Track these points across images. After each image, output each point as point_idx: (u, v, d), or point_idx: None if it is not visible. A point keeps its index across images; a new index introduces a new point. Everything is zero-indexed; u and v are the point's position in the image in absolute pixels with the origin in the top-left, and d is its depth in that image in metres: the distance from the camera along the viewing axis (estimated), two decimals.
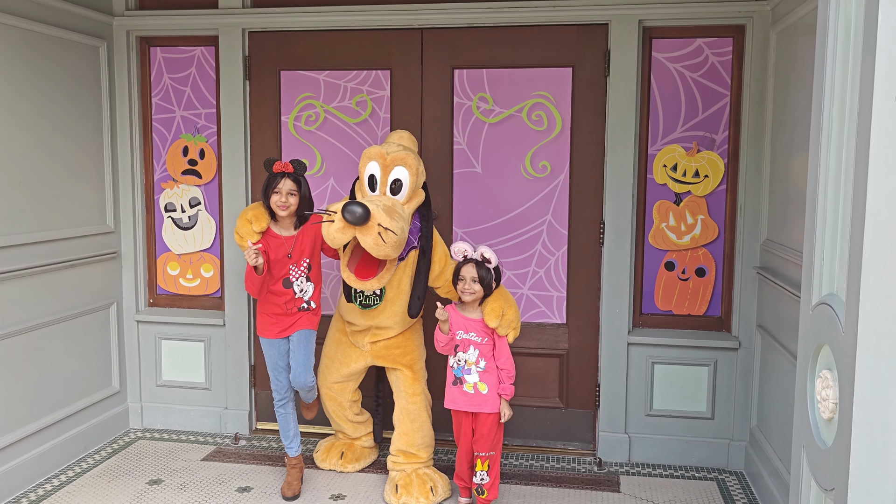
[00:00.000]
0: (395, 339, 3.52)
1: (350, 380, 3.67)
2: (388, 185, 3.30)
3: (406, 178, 3.30)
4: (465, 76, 3.92)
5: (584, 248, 3.91)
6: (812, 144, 1.73)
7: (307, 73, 4.05)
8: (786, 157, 3.31)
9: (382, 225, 3.06)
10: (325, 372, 3.69)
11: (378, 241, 3.06)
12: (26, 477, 3.56)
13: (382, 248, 3.08)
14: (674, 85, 3.79)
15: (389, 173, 3.29)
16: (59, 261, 3.73)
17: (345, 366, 3.61)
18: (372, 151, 3.34)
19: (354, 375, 3.67)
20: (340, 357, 3.63)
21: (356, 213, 3.01)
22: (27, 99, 3.54)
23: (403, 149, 3.36)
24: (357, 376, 3.69)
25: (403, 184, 3.30)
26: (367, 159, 3.34)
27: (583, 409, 4.03)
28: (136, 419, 4.36)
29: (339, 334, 3.65)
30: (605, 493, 3.56)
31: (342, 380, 3.65)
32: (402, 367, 3.54)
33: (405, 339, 3.54)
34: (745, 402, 3.80)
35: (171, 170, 4.26)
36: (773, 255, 3.46)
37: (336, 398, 3.70)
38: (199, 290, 4.34)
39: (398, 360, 3.54)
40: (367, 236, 3.07)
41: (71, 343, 3.87)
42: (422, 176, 3.38)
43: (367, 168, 3.34)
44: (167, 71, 4.22)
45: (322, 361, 3.73)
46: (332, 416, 3.76)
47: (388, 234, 3.07)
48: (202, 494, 3.51)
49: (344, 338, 3.62)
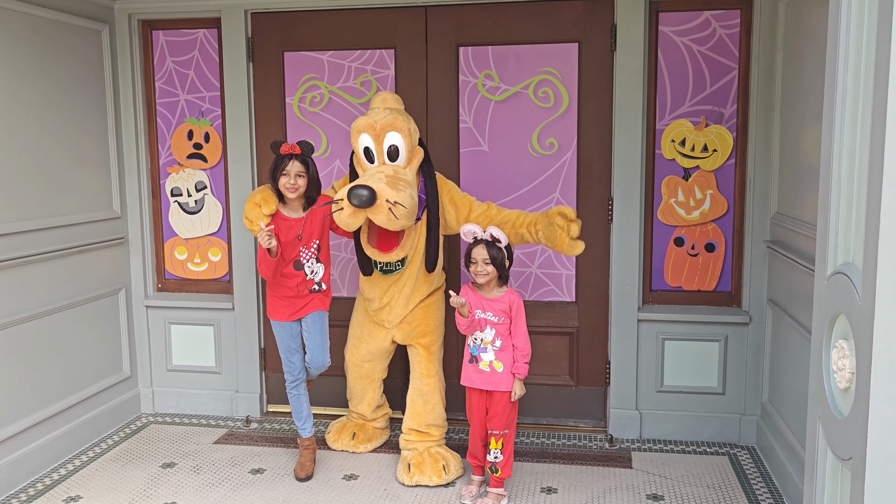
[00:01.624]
0: (416, 314, 3.52)
1: (379, 358, 3.68)
2: (385, 153, 3.28)
3: (400, 141, 3.27)
4: (471, 53, 3.88)
5: (592, 225, 3.89)
6: (826, 112, 1.71)
7: (311, 54, 4.02)
8: (796, 129, 3.27)
9: (390, 200, 3.05)
10: (352, 351, 3.70)
11: (390, 216, 3.07)
12: (41, 462, 3.58)
13: (396, 222, 3.09)
14: (681, 59, 3.75)
15: (383, 141, 3.27)
16: (66, 247, 3.73)
17: (372, 344, 3.62)
18: (360, 124, 3.30)
19: (383, 354, 3.67)
20: (366, 336, 3.63)
21: (363, 197, 3.01)
22: (31, 85, 3.52)
23: (390, 112, 3.30)
24: (386, 355, 3.69)
25: (399, 148, 3.28)
26: (358, 132, 3.32)
27: (593, 387, 4.03)
28: (148, 404, 4.38)
29: (362, 314, 3.65)
30: (617, 470, 3.56)
31: (371, 359, 3.66)
32: (419, 346, 3.55)
33: (426, 316, 3.53)
34: (756, 376, 3.79)
35: (176, 154, 4.25)
36: (783, 229, 3.43)
37: (369, 376, 3.70)
38: (207, 274, 4.34)
39: (416, 338, 3.54)
40: (379, 215, 3.07)
41: (81, 329, 3.88)
42: (415, 134, 3.34)
43: (360, 141, 3.32)
44: (170, 54, 4.19)
45: (349, 341, 3.73)
46: (356, 394, 3.77)
47: (398, 208, 3.07)
48: (215, 476, 3.53)
49: (367, 317, 3.62)
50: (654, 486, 3.39)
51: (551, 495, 3.32)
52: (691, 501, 3.25)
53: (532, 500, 3.28)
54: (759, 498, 3.27)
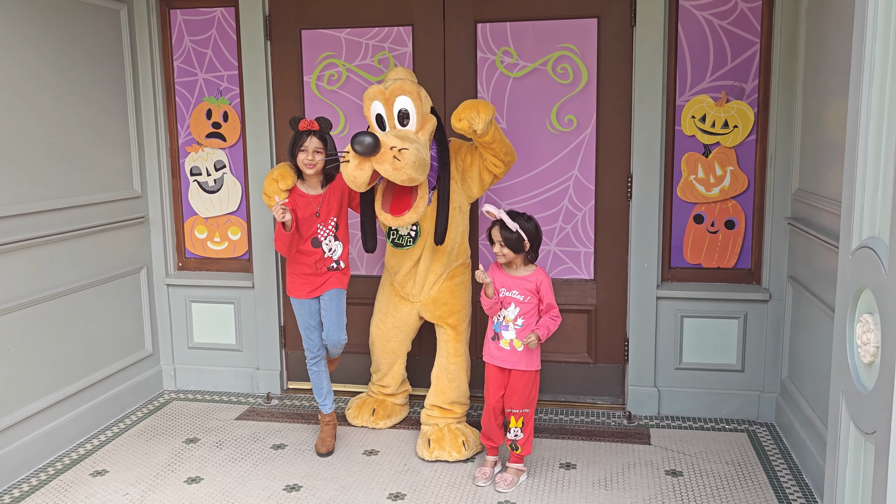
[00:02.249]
0: (444, 292, 3.53)
1: (405, 332, 3.70)
2: (396, 118, 3.28)
3: (410, 105, 3.26)
4: (489, 30, 3.86)
5: (611, 202, 3.88)
6: (853, 84, 1.69)
7: (328, 32, 4.02)
8: (819, 105, 3.23)
9: (395, 147, 3.04)
10: (378, 325, 3.73)
11: (395, 164, 3.04)
12: (67, 437, 3.65)
13: (403, 169, 3.06)
14: (702, 33, 3.71)
15: (393, 105, 3.27)
16: (88, 226, 3.77)
17: (399, 318, 3.64)
18: (371, 91, 3.31)
19: (409, 328, 3.69)
20: (392, 311, 3.65)
21: (365, 143, 3.00)
22: (52, 65, 3.54)
23: (400, 79, 3.32)
24: (411, 329, 3.70)
25: (410, 112, 3.27)
26: (369, 100, 3.32)
27: (612, 364, 4.03)
28: (170, 381, 4.44)
29: (389, 288, 3.67)
30: (636, 446, 3.58)
31: (398, 333, 3.68)
32: (447, 325, 3.56)
33: (452, 295, 3.54)
34: (776, 353, 3.78)
35: (195, 133, 4.26)
36: (805, 205, 3.41)
37: (395, 351, 3.73)
38: (227, 252, 4.37)
39: (444, 318, 3.56)
40: (384, 163, 3.05)
41: (103, 307, 3.93)
42: (426, 101, 3.33)
43: (372, 109, 3.32)
44: (188, 33, 4.20)
45: (374, 315, 3.76)
46: (382, 367, 3.79)
47: (403, 153, 3.04)
48: (238, 452, 3.58)
49: (393, 291, 3.65)
50: (672, 463, 3.40)
51: (570, 471, 3.34)
52: (710, 477, 3.27)
53: (551, 475, 3.31)
54: (778, 474, 3.28)
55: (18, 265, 3.35)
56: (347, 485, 3.24)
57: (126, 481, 3.31)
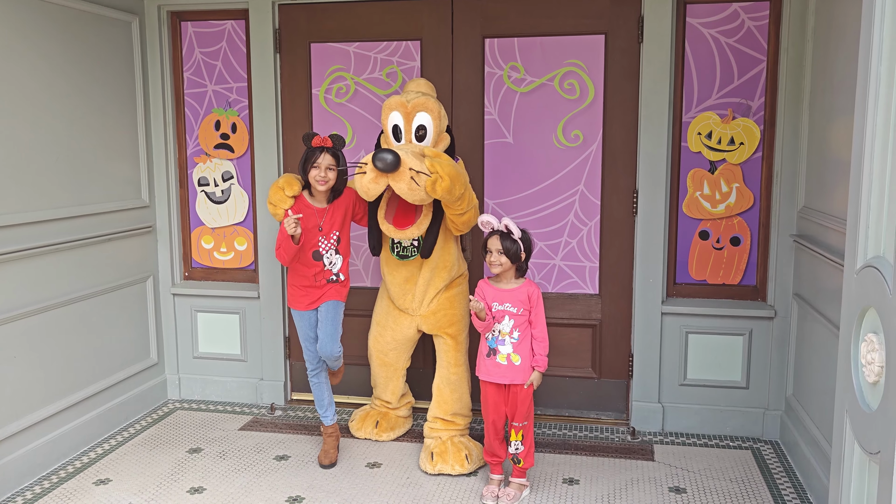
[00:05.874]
0: (441, 304, 3.53)
1: (404, 347, 3.70)
2: (413, 132, 3.31)
3: (429, 122, 3.30)
4: (497, 45, 3.88)
5: (617, 217, 3.89)
6: (858, 103, 1.70)
7: (337, 45, 4.05)
8: (825, 123, 3.24)
9: (414, 169, 3.07)
10: (376, 338, 3.73)
11: (412, 185, 3.08)
12: (71, 445, 3.65)
13: (417, 191, 3.10)
14: (709, 51, 3.73)
15: (412, 120, 3.30)
16: (96, 235, 3.80)
17: (397, 332, 3.65)
18: (393, 101, 3.34)
19: (407, 342, 3.69)
20: (391, 324, 3.66)
21: (387, 160, 3.03)
22: (63, 75, 3.58)
23: (423, 94, 3.35)
24: (410, 343, 3.71)
25: (428, 129, 3.30)
26: (389, 110, 3.35)
27: (616, 379, 4.03)
28: (174, 390, 4.45)
29: (387, 301, 3.68)
30: (640, 462, 3.57)
31: (396, 347, 3.68)
32: (446, 335, 3.57)
33: (451, 305, 3.55)
34: (781, 371, 3.77)
35: (203, 144, 4.29)
36: (810, 223, 3.41)
37: (393, 365, 3.73)
38: (233, 263, 4.39)
39: (443, 328, 3.56)
40: (401, 182, 3.08)
41: (109, 316, 3.95)
42: (444, 119, 3.37)
43: (390, 119, 3.35)
44: (198, 45, 4.24)
45: (372, 328, 3.77)
46: (380, 383, 3.80)
47: (421, 177, 3.08)
48: (241, 462, 3.58)
49: (391, 305, 3.65)
50: (676, 479, 3.39)
51: (573, 486, 3.33)
52: (714, 494, 3.25)
53: (554, 490, 3.30)
54: (782, 492, 3.26)
55: (26, 273, 3.37)
56: (350, 497, 3.24)
57: (129, 490, 3.31)
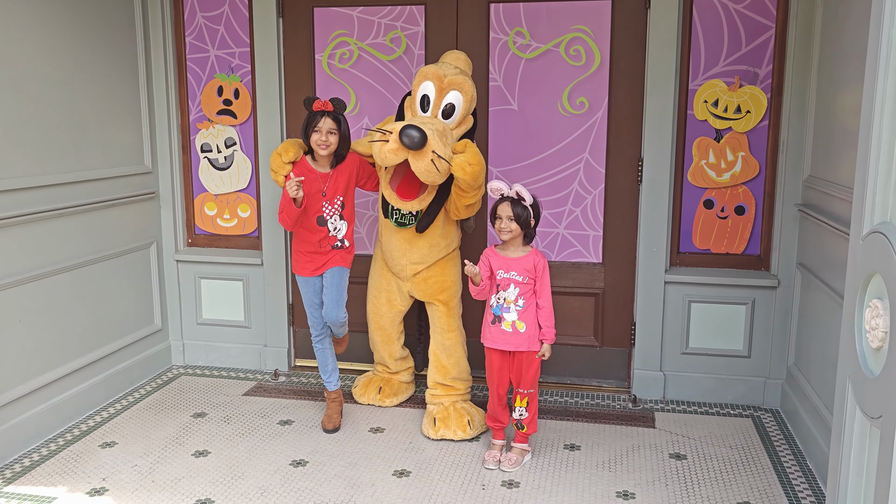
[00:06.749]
0: (433, 270, 3.54)
1: (397, 310, 3.72)
2: (442, 108, 3.29)
3: (460, 103, 3.30)
4: (502, 10, 3.84)
5: (621, 186, 3.87)
6: (868, 69, 1.68)
7: (340, 10, 4.00)
8: (833, 91, 3.21)
9: (437, 153, 3.07)
10: (372, 301, 3.75)
11: (430, 167, 3.08)
12: (77, 409, 3.69)
13: (434, 175, 3.12)
14: (716, 17, 3.68)
15: (444, 96, 3.29)
16: (99, 200, 3.79)
17: (392, 293, 3.66)
18: (429, 71, 3.32)
19: (399, 305, 3.71)
20: (385, 286, 3.67)
21: (414, 139, 3.02)
22: (65, 40, 3.55)
23: (461, 72, 3.34)
24: (402, 306, 3.72)
25: (456, 108, 3.30)
26: (423, 78, 3.33)
27: (618, 348, 4.04)
28: (178, 356, 4.48)
29: (381, 265, 3.69)
30: (641, 429, 3.60)
31: (389, 309, 3.70)
32: (438, 302, 3.58)
33: (442, 272, 3.56)
34: (783, 340, 3.78)
35: (206, 110, 4.27)
36: (816, 192, 3.39)
37: (386, 330, 3.75)
38: (236, 229, 4.39)
39: (435, 295, 3.57)
40: (420, 161, 3.09)
41: (113, 282, 3.96)
42: (474, 102, 3.37)
43: (422, 87, 3.33)
44: (200, 10, 4.19)
45: (368, 292, 3.78)
46: (378, 348, 3.83)
47: (442, 163, 3.10)
48: (245, 427, 3.62)
49: (386, 271, 3.66)
50: (676, 446, 3.42)
51: (574, 452, 3.37)
52: (714, 461, 3.28)
53: (556, 456, 3.33)
54: (781, 458, 3.29)
55: (30, 238, 3.37)
56: (353, 461, 3.27)
57: (134, 453, 3.35)
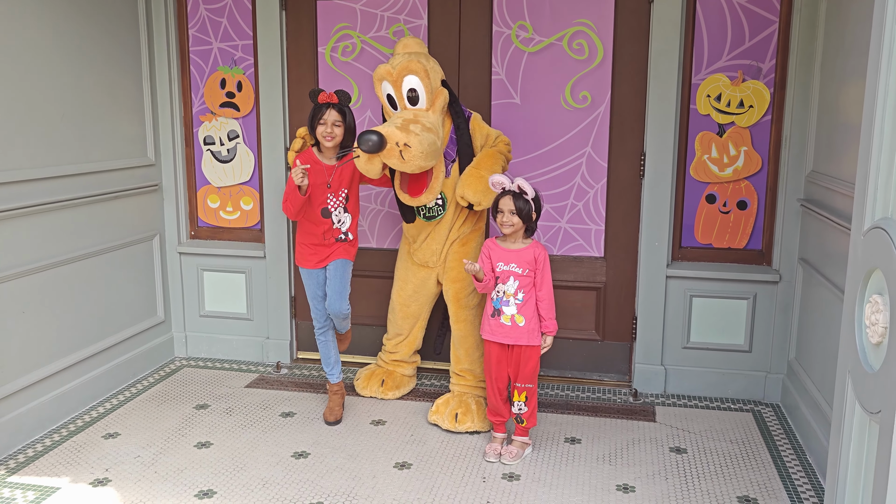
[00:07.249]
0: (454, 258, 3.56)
1: (425, 297, 3.74)
2: (406, 97, 3.30)
3: (418, 84, 3.28)
4: (505, 3, 3.83)
5: (623, 180, 3.87)
6: (871, 63, 1.68)
7: (343, 3, 4.00)
8: (837, 86, 3.21)
9: (399, 143, 3.10)
10: (398, 292, 3.79)
11: (401, 158, 3.12)
12: (80, 400, 3.71)
13: (410, 162, 3.14)
14: (720, 11, 3.67)
15: (401, 86, 3.29)
16: (102, 192, 3.80)
17: (418, 282, 3.70)
18: (380, 72, 3.34)
19: (427, 293, 3.73)
20: (412, 277, 3.71)
21: (370, 142, 3.08)
22: (69, 31, 3.55)
23: (407, 56, 3.32)
24: (431, 294, 3.74)
25: (418, 91, 3.29)
26: (379, 81, 3.36)
27: (619, 342, 4.05)
28: (181, 348, 4.49)
29: (406, 256, 3.73)
30: (641, 423, 3.60)
31: (417, 297, 3.73)
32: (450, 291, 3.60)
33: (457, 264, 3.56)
34: (784, 335, 3.78)
35: (209, 102, 4.27)
36: (818, 187, 3.39)
37: (416, 314, 3.79)
38: (239, 222, 4.40)
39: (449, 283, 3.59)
40: (391, 158, 3.13)
41: (116, 273, 3.97)
42: (435, 75, 3.34)
43: (383, 90, 3.36)
44: (203, 2, 4.19)
45: (395, 283, 3.82)
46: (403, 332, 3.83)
47: (407, 150, 3.11)
48: (247, 418, 3.63)
49: (410, 260, 3.70)
50: (677, 440, 3.43)
51: (575, 445, 3.38)
52: (714, 455, 3.29)
53: (556, 449, 3.34)
54: (781, 453, 3.30)
55: (33, 230, 3.38)
56: (355, 453, 3.29)
57: (137, 444, 3.37)
